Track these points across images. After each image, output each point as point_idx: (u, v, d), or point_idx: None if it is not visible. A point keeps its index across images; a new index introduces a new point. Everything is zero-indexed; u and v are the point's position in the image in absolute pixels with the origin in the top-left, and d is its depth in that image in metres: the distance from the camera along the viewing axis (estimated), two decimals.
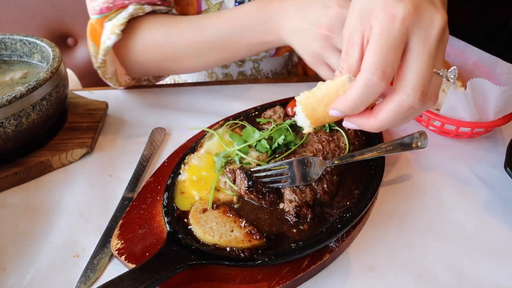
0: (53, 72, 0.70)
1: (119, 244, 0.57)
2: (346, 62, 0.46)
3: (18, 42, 0.82)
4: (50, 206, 0.66)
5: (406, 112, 0.44)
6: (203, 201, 0.60)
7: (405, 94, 0.42)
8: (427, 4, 0.42)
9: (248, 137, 0.69)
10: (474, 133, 0.76)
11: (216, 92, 0.95)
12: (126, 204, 0.65)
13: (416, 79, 0.42)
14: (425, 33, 0.42)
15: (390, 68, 0.41)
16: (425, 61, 0.42)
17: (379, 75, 0.41)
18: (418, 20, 0.41)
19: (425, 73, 0.42)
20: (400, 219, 0.64)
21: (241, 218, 0.57)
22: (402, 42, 0.41)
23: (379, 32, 0.41)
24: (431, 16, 0.42)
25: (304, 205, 0.58)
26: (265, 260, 0.52)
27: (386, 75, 0.41)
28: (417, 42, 0.41)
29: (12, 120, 0.65)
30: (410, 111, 0.44)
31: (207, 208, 0.59)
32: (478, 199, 0.68)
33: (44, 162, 0.71)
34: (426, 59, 0.41)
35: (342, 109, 0.45)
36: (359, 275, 0.56)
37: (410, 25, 0.41)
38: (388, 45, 0.40)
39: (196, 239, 0.55)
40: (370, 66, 0.41)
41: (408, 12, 0.40)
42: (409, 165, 0.75)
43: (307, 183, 0.61)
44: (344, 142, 0.69)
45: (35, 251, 0.59)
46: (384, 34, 0.40)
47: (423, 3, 0.42)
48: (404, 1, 0.41)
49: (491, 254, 0.59)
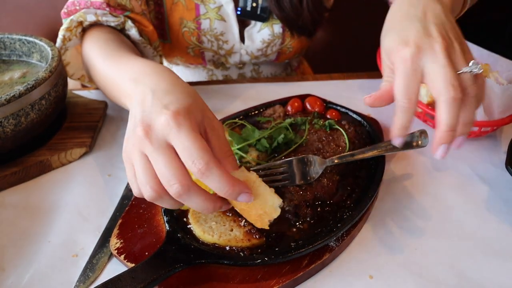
0: (52, 72, 0.70)
1: (118, 243, 0.57)
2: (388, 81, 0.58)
3: (17, 41, 0.82)
4: (49, 205, 0.66)
5: (454, 106, 0.50)
6: None
7: (442, 93, 0.50)
8: (425, 39, 0.53)
9: (248, 136, 0.68)
10: (482, 132, 0.76)
11: (215, 91, 0.95)
12: (125, 204, 0.65)
13: (442, 79, 0.51)
14: (432, 55, 0.52)
15: (413, 94, 0.52)
16: (442, 67, 0.51)
17: (406, 101, 0.52)
18: (422, 53, 0.53)
19: (447, 73, 0.51)
20: (400, 218, 0.64)
21: (240, 217, 0.57)
22: (417, 72, 0.53)
23: (398, 72, 0.53)
24: (431, 45, 0.53)
25: (304, 204, 0.58)
26: (264, 259, 0.51)
27: (412, 100, 0.52)
28: (430, 64, 0.52)
29: (11, 119, 0.65)
30: (456, 103, 0.50)
31: None
32: (479, 198, 0.68)
33: (43, 161, 0.71)
34: (442, 66, 0.51)
35: (398, 133, 0.54)
36: (359, 274, 0.56)
37: (418, 58, 0.53)
38: (406, 78, 0.52)
39: (195, 238, 0.55)
40: (399, 96, 0.53)
41: (413, 52, 0.53)
42: (410, 164, 0.74)
43: (307, 182, 0.60)
44: (344, 141, 0.68)
45: (34, 251, 0.59)
46: (402, 72, 0.53)
47: (422, 40, 0.53)
48: (409, 44, 0.53)
49: (492, 254, 0.59)
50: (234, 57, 1.04)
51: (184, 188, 0.45)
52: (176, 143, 0.46)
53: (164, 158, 0.45)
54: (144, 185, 0.47)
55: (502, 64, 0.82)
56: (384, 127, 0.81)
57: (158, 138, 0.46)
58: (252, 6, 0.94)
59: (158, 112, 0.47)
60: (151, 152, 0.46)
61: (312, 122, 0.73)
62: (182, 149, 0.45)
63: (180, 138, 0.46)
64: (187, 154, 0.45)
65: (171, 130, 0.46)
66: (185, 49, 1.02)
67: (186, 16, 0.95)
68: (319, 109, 0.78)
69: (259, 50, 1.02)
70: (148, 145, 0.46)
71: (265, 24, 0.98)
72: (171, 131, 0.46)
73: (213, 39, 0.99)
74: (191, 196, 0.46)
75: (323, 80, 1.00)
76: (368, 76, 1.00)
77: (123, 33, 0.84)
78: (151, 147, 0.46)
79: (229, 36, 0.99)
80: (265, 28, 0.98)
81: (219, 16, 0.95)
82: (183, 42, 1.00)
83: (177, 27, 0.97)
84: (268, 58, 1.07)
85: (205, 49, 1.02)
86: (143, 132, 0.47)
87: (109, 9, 0.80)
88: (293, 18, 0.93)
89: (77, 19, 0.79)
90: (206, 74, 1.13)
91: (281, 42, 1.02)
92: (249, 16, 0.96)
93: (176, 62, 1.11)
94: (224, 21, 0.96)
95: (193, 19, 0.95)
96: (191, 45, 1.00)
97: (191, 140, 0.45)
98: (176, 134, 0.46)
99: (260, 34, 1.00)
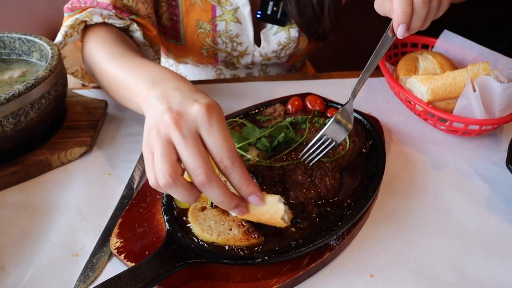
0: (51, 71, 0.70)
1: (118, 242, 0.57)
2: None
3: (17, 40, 0.82)
4: (49, 205, 0.66)
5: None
6: (202, 199, 0.60)
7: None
8: None
9: (248, 134, 0.68)
10: (482, 130, 0.75)
11: (216, 90, 0.95)
12: (125, 203, 0.65)
13: None
14: None
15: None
16: None
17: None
18: None
19: None
20: (401, 217, 0.64)
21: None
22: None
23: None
24: None
25: (309, 202, 0.58)
26: (265, 258, 0.51)
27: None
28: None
29: (11, 118, 0.65)
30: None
31: (206, 206, 0.58)
32: (480, 196, 0.68)
33: (43, 161, 0.71)
34: None
35: (402, 20, 0.59)
36: (360, 273, 0.56)
37: None
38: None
39: (194, 237, 0.55)
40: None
41: None
42: (411, 162, 0.74)
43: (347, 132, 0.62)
44: (344, 139, 0.68)
45: (34, 250, 0.59)
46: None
47: None
48: None
49: (492, 252, 0.59)
50: (246, 58, 1.05)
51: (209, 179, 0.47)
52: (207, 137, 0.48)
53: (194, 148, 0.47)
54: (162, 172, 0.47)
55: (503, 62, 0.82)
56: (384, 124, 0.81)
57: (189, 127, 0.47)
58: (273, 10, 0.94)
59: (190, 103, 0.49)
60: (180, 140, 0.47)
61: (313, 121, 0.73)
62: (214, 145, 0.48)
63: (213, 132, 0.47)
64: (217, 151, 0.48)
65: (203, 121, 0.47)
66: (199, 50, 1.02)
67: (203, 17, 0.95)
68: (319, 108, 0.77)
69: (273, 52, 1.03)
70: (176, 133, 0.47)
71: (282, 27, 0.98)
72: (203, 122, 0.47)
73: (227, 41, 0.99)
74: (213, 187, 0.48)
75: (324, 79, 1.00)
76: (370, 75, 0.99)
77: (127, 33, 0.84)
78: (180, 135, 0.47)
79: (243, 38, 0.99)
80: (281, 31, 0.99)
81: (235, 18, 0.95)
82: (197, 43, 1.00)
83: (192, 28, 0.97)
84: (280, 60, 1.08)
85: (219, 50, 1.02)
86: (173, 120, 0.47)
87: (115, 11, 0.79)
88: (314, 25, 0.94)
89: (82, 18, 0.79)
90: (215, 73, 1.13)
91: (295, 46, 1.02)
92: (269, 19, 0.96)
93: (185, 61, 1.11)
94: (240, 24, 0.97)
95: (209, 21, 0.95)
96: (205, 46, 1.00)
97: (222, 137, 0.47)
98: (208, 127, 0.47)
99: (277, 37, 1.00)
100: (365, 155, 0.69)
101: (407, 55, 0.90)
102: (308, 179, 0.61)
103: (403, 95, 0.81)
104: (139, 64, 0.65)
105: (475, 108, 0.71)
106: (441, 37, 0.94)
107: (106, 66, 0.70)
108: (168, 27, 0.99)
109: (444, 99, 0.77)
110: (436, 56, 0.86)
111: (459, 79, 0.74)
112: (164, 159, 0.47)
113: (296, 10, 0.92)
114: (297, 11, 0.92)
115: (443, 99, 0.77)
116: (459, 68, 0.77)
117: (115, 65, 0.68)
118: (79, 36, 0.82)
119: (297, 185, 0.61)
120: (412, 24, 0.60)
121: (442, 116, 0.74)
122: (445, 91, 0.75)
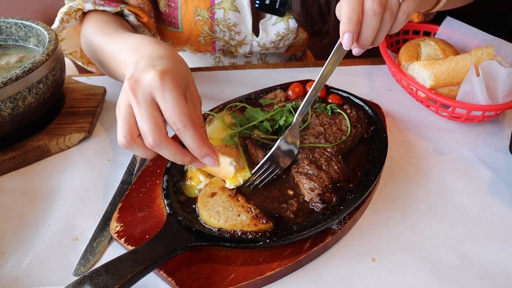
0: (49, 55, 0.69)
1: (118, 227, 0.56)
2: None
3: (13, 25, 0.80)
4: (48, 190, 0.65)
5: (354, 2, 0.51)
6: (212, 185, 0.59)
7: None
8: None
9: (251, 116, 0.68)
10: (485, 117, 0.74)
11: (215, 77, 0.94)
12: (125, 188, 0.64)
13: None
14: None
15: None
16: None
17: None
18: None
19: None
20: (403, 202, 0.64)
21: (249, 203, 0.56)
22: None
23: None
24: None
25: (326, 189, 0.57)
26: (266, 241, 0.51)
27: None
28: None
29: (8, 103, 0.64)
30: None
31: (216, 192, 0.58)
32: (482, 182, 0.67)
33: (41, 146, 0.70)
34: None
35: (346, 28, 0.52)
36: (362, 257, 0.56)
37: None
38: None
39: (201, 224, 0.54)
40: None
41: None
42: (413, 149, 0.74)
43: (293, 158, 0.61)
44: (346, 125, 0.68)
45: (34, 235, 0.58)
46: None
47: None
48: None
49: (494, 236, 0.59)
50: (244, 47, 1.04)
51: (156, 142, 0.50)
52: (160, 101, 0.50)
53: (145, 113, 0.50)
54: (121, 132, 0.51)
55: (506, 48, 0.81)
56: (386, 111, 0.80)
57: (144, 93, 0.50)
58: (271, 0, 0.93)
59: (147, 70, 0.52)
60: (134, 105, 0.50)
61: (314, 106, 0.72)
62: (165, 109, 0.50)
63: (165, 97, 0.50)
64: (169, 115, 0.50)
65: (156, 87, 0.50)
66: (196, 37, 1.01)
67: (201, 4, 0.94)
68: (320, 94, 0.77)
69: (272, 43, 1.02)
70: (133, 98, 0.50)
71: (281, 17, 0.97)
72: (157, 88, 0.50)
73: (225, 29, 0.98)
74: (162, 149, 0.51)
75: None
76: (372, 63, 0.99)
77: (123, 18, 0.87)
78: (136, 101, 0.50)
79: (242, 27, 0.98)
80: (280, 22, 0.98)
81: (234, 7, 0.94)
82: (195, 31, 0.99)
83: (190, 15, 0.96)
84: (278, 50, 1.07)
85: (217, 39, 1.01)
86: (130, 86, 0.51)
87: (104, 1, 0.83)
88: (319, 24, 0.93)
89: (76, 6, 0.83)
90: (213, 60, 1.12)
91: (294, 36, 1.01)
92: (267, 9, 0.95)
93: (184, 49, 1.10)
94: (239, 13, 0.95)
95: (207, 8, 0.94)
96: (203, 33, 0.99)
97: (175, 101, 0.50)
98: (161, 92, 0.50)
99: (275, 27, 0.99)
100: (367, 141, 0.69)
101: (409, 42, 0.89)
102: (316, 168, 0.60)
103: (405, 81, 0.80)
104: (125, 36, 0.69)
105: (478, 93, 0.71)
106: (443, 24, 0.92)
107: (98, 42, 0.75)
108: (166, 13, 0.98)
109: (447, 84, 0.76)
110: (438, 42, 0.85)
111: (462, 63, 0.73)
112: (123, 123, 0.51)
113: (301, 7, 0.90)
114: (302, 8, 0.91)
115: (446, 85, 0.76)
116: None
117: (104, 41, 0.73)
118: (77, 22, 0.87)
119: (308, 176, 0.59)
120: (361, 35, 0.53)
121: (445, 102, 0.74)
122: (448, 76, 0.74)
